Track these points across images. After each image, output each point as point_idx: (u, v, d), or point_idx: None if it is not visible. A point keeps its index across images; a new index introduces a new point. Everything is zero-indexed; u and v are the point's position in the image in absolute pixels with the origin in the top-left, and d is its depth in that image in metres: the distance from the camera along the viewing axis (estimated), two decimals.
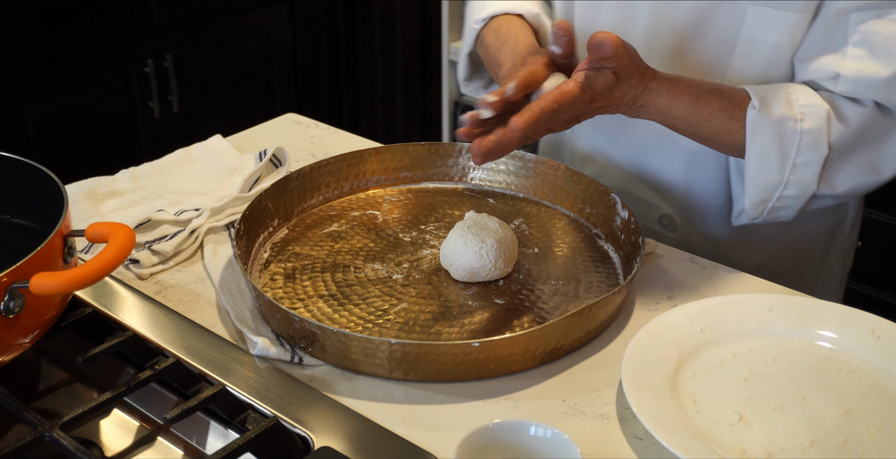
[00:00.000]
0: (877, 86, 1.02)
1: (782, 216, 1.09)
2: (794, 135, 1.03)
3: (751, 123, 1.03)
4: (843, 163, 1.05)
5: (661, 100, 0.99)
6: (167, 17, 2.42)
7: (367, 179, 1.19)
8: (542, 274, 1.04)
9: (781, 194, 1.06)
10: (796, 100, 1.04)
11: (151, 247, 1.07)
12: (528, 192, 1.19)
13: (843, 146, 1.04)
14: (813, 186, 1.05)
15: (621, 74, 0.94)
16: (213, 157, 1.26)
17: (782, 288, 1.05)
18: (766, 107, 1.02)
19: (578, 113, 0.96)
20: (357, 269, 1.04)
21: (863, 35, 1.02)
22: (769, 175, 1.05)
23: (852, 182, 1.06)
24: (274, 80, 2.75)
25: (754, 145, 1.04)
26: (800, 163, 1.04)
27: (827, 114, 1.03)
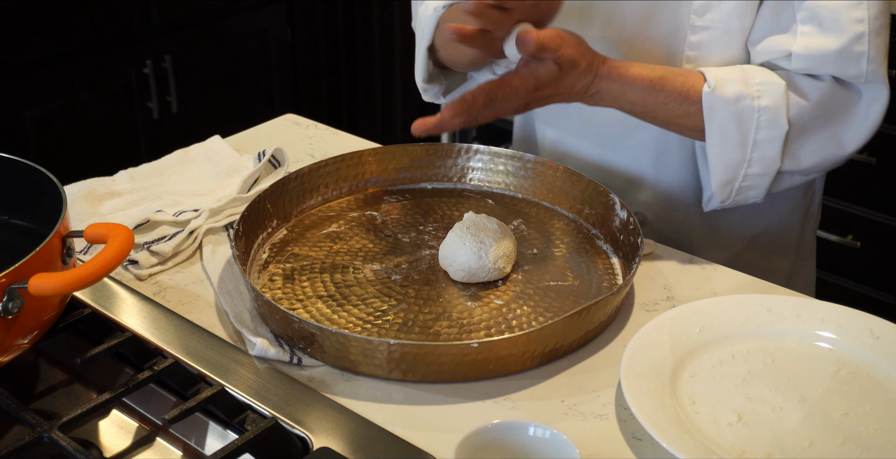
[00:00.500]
0: (829, 60, 1.03)
1: (751, 196, 1.09)
2: (752, 113, 1.03)
3: (707, 104, 1.03)
4: (806, 139, 1.05)
5: (613, 87, 1.00)
6: (166, 17, 2.42)
7: (365, 180, 1.19)
8: (542, 275, 1.04)
9: (746, 172, 1.06)
10: (752, 78, 1.04)
11: (150, 248, 1.07)
12: (526, 193, 1.19)
13: (804, 121, 1.04)
14: (777, 162, 1.05)
15: (565, 64, 0.95)
16: (211, 158, 1.26)
17: (781, 288, 1.05)
18: (720, 86, 1.03)
19: (524, 101, 0.97)
20: (356, 270, 1.04)
21: (809, 11, 1.02)
22: (731, 154, 1.05)
23: (816, 156, 1.06)
24: (273, 81, 2.74)
25: (713, 125, 1.04)
26: (761, 141, 1.04)
27: (784, 90, 1.03)
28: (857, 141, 1.07)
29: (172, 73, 2.45)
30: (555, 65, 0.95)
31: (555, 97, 0.99)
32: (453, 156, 1.21)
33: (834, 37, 1.02)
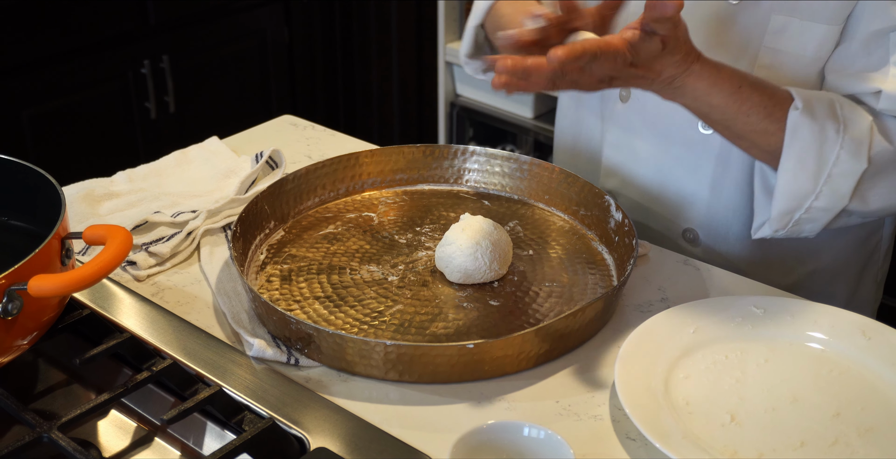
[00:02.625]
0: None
1: (806, 230, 1.04)
2: (836, 143, 0.98)
3: (792, 124, 0.98)
4: (879, 181, 1.01)
5: (700, 85, 0.95)
6: (163, 17, 2.42)
7: (362, 181, 1.20)
8: (537, 276, 1.05)
9: (811, 205, 1.01)
10: (840, 108, 1.00)
11: (148, 249, 1.07)
12: (522, 194, 1.20)
13: (884, 162, 1.00)
14: (845, 200, 1.00)
15: (669, 45, 0.90)
16: (209, 159, 1.27)
17: (774, 289, 1.05)
18: (809, 109, 0.98)
19: (614, 73, 0.91)
20: (353, 271, 1.05)
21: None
22: (802, 183, 1.00)
23: (886, 201, 1.02)
24: (270, 81, 2.75)
25: (792, 149, 0.99)
26: (836, 174, 0.99)
27: (870, 126, 0.99)
28: None
29: (170, 73, 2.46)
30: (660, 42, 0.89)
31: (641, 79, 0.94)
32: (450, 158, 1.22)
33: None
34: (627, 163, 1.22)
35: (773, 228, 1.04)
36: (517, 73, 0.87)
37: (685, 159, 1.17)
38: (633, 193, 1.23)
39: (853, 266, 1.23)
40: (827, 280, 1.22)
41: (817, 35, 1.04)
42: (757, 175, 1.07)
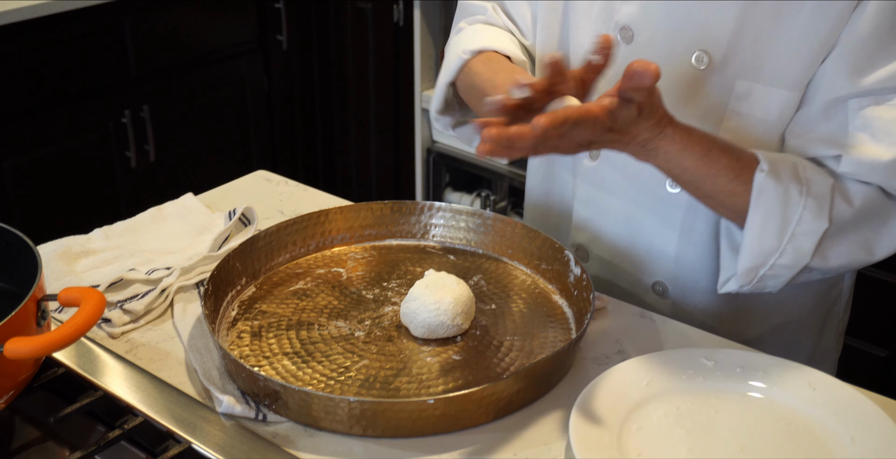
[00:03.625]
0: (879, 170, 1.04)
1: (770, 285, 1.08)
2: (799, 204, 1.03)
3: (758, 186, 1.03)
4: (840, 239, 1.06)
5: (672, 148, 1.00)
6: (144, 68, 2.48)
7: (332, 237, 1.24)
8: (499, 330, 1.09)
9: (775, 262, 1.05)
10: (803, 170, 1.04)
11: (123, 307, 1.11)
12: (486, 248, 1.24)
13: (843, 222, 1.04)
14: (808, 257, 1.05)
15: (644, 111, 0.94)
16: (184, 216, 1.31)
17: (727, 341, 1.10)
18: (774, 171, 1.03)
19: (593, 138, 0.95)
20: (321, 327, 1.09)
21: (863, 120, 1.04)
22: (767, 241, 1.04)
23: (845, 258, 1.06)
24: (250, 128, 2.80)
25: (758, 209, 1.03)
26: (799, 233, 1.04)
27: (832, 188, 1.04)
28: (888, 250, 1.07)
29: (150, 122, 2.51)
30: (636, 109, 0.93)
31: (617, 143, 0.98)
32: (416, 214, 1.26)
33: (886, 148, 1.03)
34: (597, 219, 1.27)
35: (739, 284, 1.08)
36: (501, 141, 0.89)
37: (654, 216, 1.21)
38: (603, 248, 1.27)
39: (816, 318, 1.27)
40: (792, 332, 1.26)
41: (780, 100, 1.09)
42: (723, 232, 1.12)
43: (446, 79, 1.23)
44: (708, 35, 1.09)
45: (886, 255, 1.08)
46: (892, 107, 1.03)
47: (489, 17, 1.28)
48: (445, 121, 1.29)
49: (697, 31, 1.09)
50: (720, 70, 1.10)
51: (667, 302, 1.24)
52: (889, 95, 1.03)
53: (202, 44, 2.61)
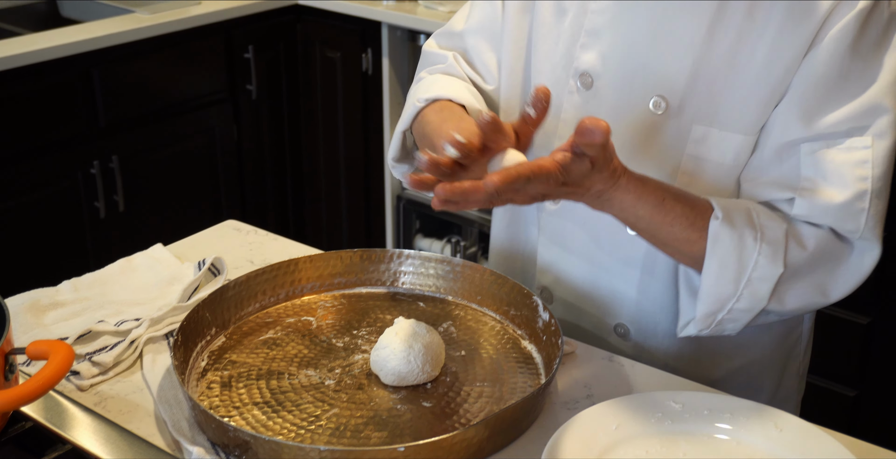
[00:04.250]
0: (831, 212, 1.06)
1: (728, 329, 1.10)
2: (754, 250, 1.05)
3: (713, 234, 1.05)
4: (795, 283, 1.07)
5: (626, 198, 1.01)
6: (113, 119, 2.48)
7: (302, 286, 1.24)
8: (469, 377, 1.09)
9: (733, 307, 1.07)
10: (757, 216, 1.07)
11: (92, 359, 1.10)
12: (456, 295, 1.25)
13: (798, 266, 1.07)
14: (764, 302, 1.07)
15: (597, 165, 0.96)
16: (153, 267, 1.31)
17: (694, 384, 1.11)
18: (728, 218, 1.05)
19: (547, 192, 0.97)
20: (291, 376, 1.09)
21: (815, 163, 1.07)
22: (724, 287, 1.06)
23: (801, 301, 1.09)
24: (219, 178, 2.81)
25: (714, 256, 1.05)
26: (755, 278, 1.06)
27: (785, 233, 1.06)
28: (842, 291, 1.09)
29: (119, 173, 2.51)
30: (589, 163, 0.95)
31: (572, 194, 1.00)
32: (385, 261, 1.27)
33: (837, 190, 1.05)
34: (560, 262, 1.28)
35: (698, 328, 1.10)
36: (455, 196, 0.91)
37: (615, 258, 1.22)
38: (566, 290, 1.29)
39: (777, 360, 1.29)
40: (753, 374, 1.27)
41: (735, 144, 1.11)
42: (681, 277, 1.13)
43: (402, 127, 1.25)
44: (665, 81, 1.12)
45: (841, 297, 1.10)
46: (842, 151, 1.06)
47: (449, 66, 1.30)
48: (402, 168, 1.30)
49: (654, 77, 1.12)
50: (677, 115, 1.12)
51: (628, 343, 1.25)
52: (840, 139, 1.06)
53: (172, 94, 2.62)
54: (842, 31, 1.05)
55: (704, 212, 1.06)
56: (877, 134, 1.06)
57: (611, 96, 1.15)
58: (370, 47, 2.72)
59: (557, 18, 1.19)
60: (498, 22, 1.25)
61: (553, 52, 1.20)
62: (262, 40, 2.78)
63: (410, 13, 2.58)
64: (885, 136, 1.06)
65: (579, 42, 1.16)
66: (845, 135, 1.06)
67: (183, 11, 2.58)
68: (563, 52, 1.19)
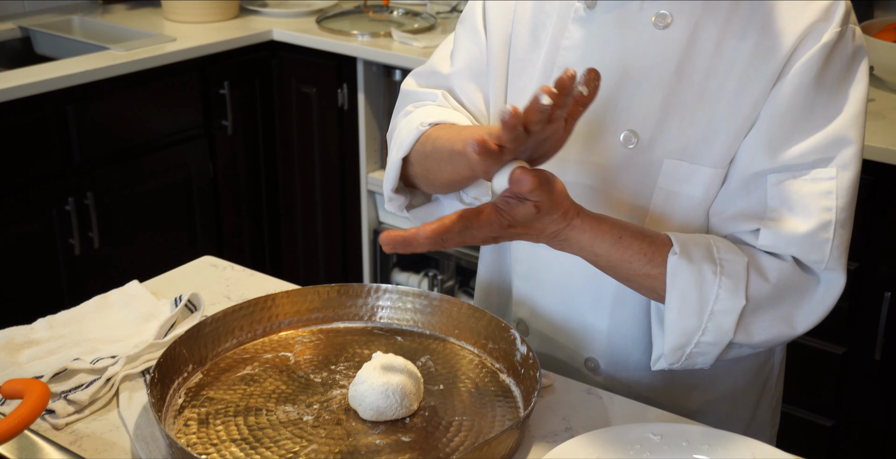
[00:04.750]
0: (796, 242, 1.08)
1: (699, 362, 1.11)
2: (714, 283, 1.06)
3: (671, 268, 1.06)
4: (761, 315, 1.09)
5: (583, 238, 1.04)
6: (88, 155, 2.48)
7: (279, 321, 1.24)
8: (448, 411, 1.09)
9: (699, 340, 1.08)
10: (717, 250, 1.08)
11: (67, 397, 1.09)
12: (433, 329, 1.25)
13: (761, 299, 1.08)
14: (730, 334, 1.08)
15: (543, 208, 0.98)
16: (129, 303, 1.30)
17: (673, 416, 1.11)
18: (686, 253, 1.06)
19: (494, 234, 1.00)
20: (269, 412, 1.08)
21: (781, 194, 1.08)
22: (688, 320, 1.07)
23: (768, 334, 1.09)
24: (195, 214, 2.80)
25: (674, 290, 1.07)
26: (718, 311, 1.07)
27: (746, 266, 1.07)
28: (809, 323, 1.11)
29: (94, 209, 2.50)
30: (533, 207, 0.98)
31: (525, 236, 1.02)
32: (363, 296, 1.27)
33: (802, 220, 1.07)
34: (535, 294, 1.28)
35: (668, 362, 1.12)
36: (398, 244, 0.96)
37: (586, 291, 1.23)
38: (542, 323, 1.29)
39: (750, 392, 1.29)
40: (728, 406, 1.28)
41: (706, 178, 1.12)
42: (653, 311, 1.14)
43: (401, 154, 1.20)
44: (635, 116, 1.13)
45: (808, 328, 1.11)
46: (807, 182, 1.08)
47: (440, 102, 1.29)
48: (399, 201, 1.27)
49: (625, 112, 1.14)
50: (648, 149, 1.14)
51: (599, 377, 1.25)
52: (805, 170, 1.08)
53: (147, 130, 2.62)
54: (806, 65, 1.07)
55: (663, 247, 1.08)
56: (841, 165, 1.08)
57: (582, 130, 1.17)
58: (346, 83, 2.73)
59: (532, 53, 1.21)
60: (483, 60, 1.26)
61: (528, 88, 1.21)
62: (238, 76, 2.79)
63: (385, 49, 2.60)
64: (848, 168, 1.08)
65: (552, 77, 1.18)
66: (811, 166, 1.08)
67: (158, 48, 2.59)
68: (537, 86, 1.20)
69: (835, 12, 1.07)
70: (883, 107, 2.14)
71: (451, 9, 2.83)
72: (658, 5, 1.11)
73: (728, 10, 1.09)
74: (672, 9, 1.10)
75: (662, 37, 1.11)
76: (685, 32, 1.10)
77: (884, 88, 2.25)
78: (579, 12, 1.15)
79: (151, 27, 2.79)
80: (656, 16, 1.11)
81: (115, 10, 2.96)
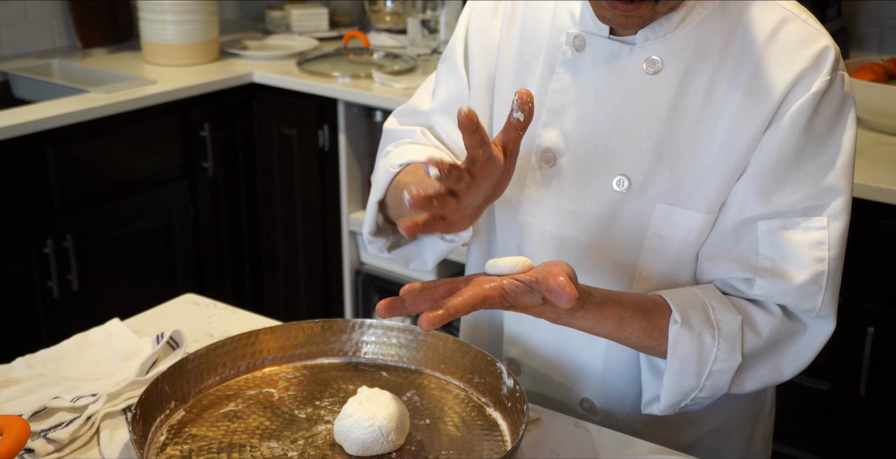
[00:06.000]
0: (790, 292, 1.09)
1: (691, 409, 1.15)
2: (713, 347, 1.08)
3: (673, 337, 1.08)
4: (753, 369, 1.12)
5: (584, 324, 1.06)
6: (67, 198, 2.46)
7: (262, 358, 1.23)
8: (434, 445, 1.08)
9: (696, 396, 1.11)
10: (713, 311, 1.09)
11: (47, 436, 1.07)
12: (419, 364, 1.24)
13: (754, 354, 1.11)
14: (725, 389, 1.11)
15: (549, 302, 0.99)
16: (110, 341, 1.29)
17: (661, 448, 1.10)
18: (686, 321, 1.08)
19: (498, 309, 1.00)
20: (253, 448, 1.06)
21: (773, 242, 1.09)
22: (686, 381, 1.10)
23: (759, 383, 1.13)
24: (176, 256, 2.78)
25: (675, 356, 1.09)
26: (716, 371, 1.10)
27: (741, 326, 1.10)
28: (795, 369, 1.14)
29: (73, 252, 2.48)
30: (542, 299, 0.98)
31: (526, 313, 1.02)
32: (347, 331, 1.26)
33: (796, 271, 1.09)
34: (527, 333, 1.27)
35: (662, 412, 1.14)
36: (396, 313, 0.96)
37: (578, 337, 1.21)
38: (535, 362, 1.28)
39: (744, 424, 1.29)
40: (722, 440, 1.27)
41: (697, 222, 1.13)
42: (643, 357, 1.16)
43: (376, 197, 1.21)
44: (627, 160, 1.14)
45: (795, 374, 1.14)
46: (799, 231, 1.09)
47: (417, 138, 1.29)
48: (379, 243, 1.26)
49: (617, 156, 1.14)
50: (640, 194, 1.14)
51: (595, 417, 1.24)
52: (796, 217, 1.09)
53: (127, 172, 2.61)
54: (797, 113, 1.08)
55: (662, 319, 1.09)
56: (832, 215, 1.09)
57: (573, 174, 1.17)
58: (326, 124, 2.74)
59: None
60: (465, 99, 1.26)
61: None
62: (219, 118, 2.79)
63: (366, 90, 2.61)
64: (839, 218, 1.10)
65: (541, 120, 1.18)
66: (802, 213, 1.09)
67: (138, 91, 2.59)
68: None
69: (825, 60, 1.08)
70: (862, 145, 2.16)
71: (432, 51, 2.85)
72: (649, 50, 1.11)
73: (719, 57, 1.10)
74: (663, 55, 1.11)
75: (653, 82, 1.11)
76: (676, 78, 1.11)
77: (862, 127, 2.27)
78: (567, 55, 1.16)
79: (132, 70, 2.79)
80: (647, 61, 1.11)
81: (95, 54, 2.96)
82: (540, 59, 1.19)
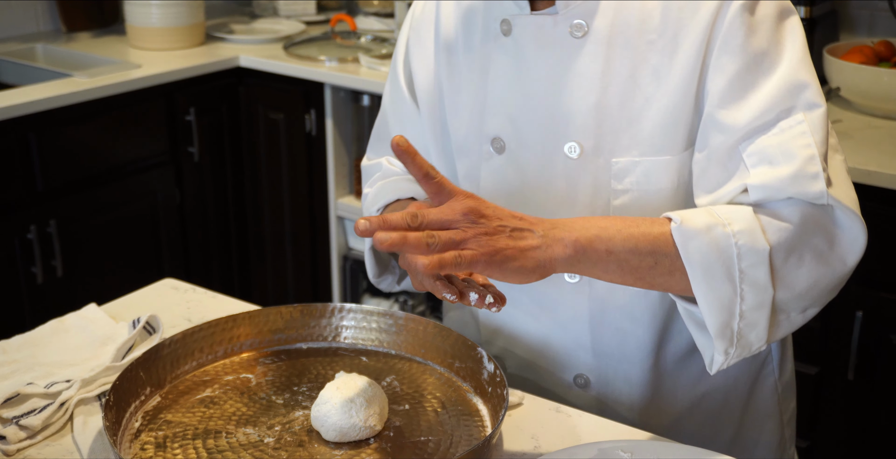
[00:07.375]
0: (786, 183, 1.02)
1: (754, 341, 1.02)
2: (729, 239, 1.00)
3: (680, 239, 1.00)
4: (793, 260, 1.02)
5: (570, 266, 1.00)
6: (51, 183, 2.44)
7: (240, 343, 1.21)
8: (413, 431, 1.06)
9: (741, 309, 1.01)
10: (716, 210, 1.03)
11: (19, 423, 1.06)
12: (399, 349, 1.22)
13: (785, 240, 1.01)
14: (769, 289, 1.01)
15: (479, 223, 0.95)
16: (86, 327, 1.27)
17: (643, 433, 1.09)
18: (687, 221, 1.01)
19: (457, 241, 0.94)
20: (229, 434, 1.05)
21: (758, 153, 1.05)
22: (720, 289, 1.00)
23: (810, 278, 1.03)
24: (162, 241, 2.76)
25: (692, 261, 1.00)
26: (746, 267, 1.00)
27: (752, 213, 1.02)
28: (849, 259, 1.05)
29: (57, 237, 2.45)
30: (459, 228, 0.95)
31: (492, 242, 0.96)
32: (327, 316, 1.24)
33: (786, 165, 1.03)
34: (507, 325, 1.27)
35: (722, 349, 1.02)
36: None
37: (562, 310, 1.21)
38: (520, 348, 1.27)
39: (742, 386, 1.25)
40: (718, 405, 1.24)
41: (669, 167, 1.11)
42: (684, 316, 1.07)
43: (368, 245, 1.24)
44: (573, 126, 1.14)
45: (848, 266, 1.05)
46: (777, 134, 1.05)
47: (385, 170, 1.32)
48: (387, 281, 1.28)
49: (563, 124, 1.14)
50: (595, 155, 1.13)
51: (590, 394, 1.23)
52: (770, 127, 1.06)
53: (112, 157, 2.59)
54: (730, 30, 1.07)
55: (660, 226, 1.02)
56: (805, 107, 1.06)
57: (524, 154, 1.17)
58: (313, 108, 2.71)
59: (459, 91, 1.22)
60: (412, 115, 1.29)
61: (460, 125, 1.23)
62: (204, 102, 2.76)
63: (353, 74, 2.59)
64: (814, 107, 1.06)
65: (487, 109, 1.19)
66: (775, 121, 1.06)
67: (123, 75, 2.56)
68: (469, 118, 1.22)
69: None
70: (850, 128, 2.15)
71: None
72: (571, 16, 1.12)
73: (639, 8, 1.11)
74: (585, 17, 1.12)
75: (581, 45, 1.12)
76: (604, 35, 1.11)
77: (851, 109, 2.25)
78: (500, 40, 1.17)
79: (117, 54, 2.76)
80: (572, 27, 1.12)
81: (80, 38, 2.93)
82: (475, 53, 1.20)
